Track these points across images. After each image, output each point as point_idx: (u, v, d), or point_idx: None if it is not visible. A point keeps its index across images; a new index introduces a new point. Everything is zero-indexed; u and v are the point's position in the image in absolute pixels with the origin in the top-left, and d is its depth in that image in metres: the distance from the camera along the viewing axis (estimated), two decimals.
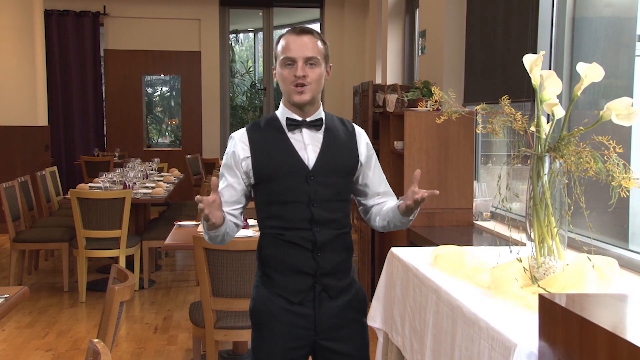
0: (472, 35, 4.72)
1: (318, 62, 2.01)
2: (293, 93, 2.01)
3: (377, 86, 5.47)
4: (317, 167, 2.04)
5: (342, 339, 2.12)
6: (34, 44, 8.18)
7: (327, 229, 2.06)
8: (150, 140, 11.34)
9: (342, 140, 2.11)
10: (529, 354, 1.60)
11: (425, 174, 4.21)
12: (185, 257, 6.93)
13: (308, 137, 2.07)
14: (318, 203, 2.03)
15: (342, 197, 2.10)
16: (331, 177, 2.06)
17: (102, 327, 2.18)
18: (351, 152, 2.12)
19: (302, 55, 1.98)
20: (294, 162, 2.04)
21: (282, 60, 2.00)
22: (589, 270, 1.96)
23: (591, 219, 2.00)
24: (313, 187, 2.03)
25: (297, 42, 1.98)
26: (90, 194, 5.32)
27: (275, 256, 2.08)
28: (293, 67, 1.99)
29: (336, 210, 2.08)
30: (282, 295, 2.08)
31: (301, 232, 2.04)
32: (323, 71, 2.04)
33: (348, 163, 2.11)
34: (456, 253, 2.46)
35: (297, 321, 2.08)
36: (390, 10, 7.13)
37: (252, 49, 13.17)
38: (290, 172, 2.03)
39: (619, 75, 3.13)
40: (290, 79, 1.99)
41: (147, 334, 4.58)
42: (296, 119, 2.06)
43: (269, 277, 2.11)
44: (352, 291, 2.15)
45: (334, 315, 2.10)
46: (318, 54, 2.01)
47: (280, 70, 2.02)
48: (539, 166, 2.00)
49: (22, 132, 8.22)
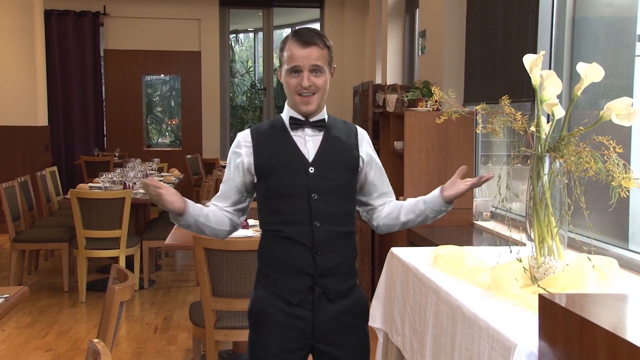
0: (472, 35, 4.72)
1: (323, 70, 2.05)
2: (300, 104, 2.06)
3: (377, 86, 5.47)
4: (317, 160, 2.07)
5: (341, 344, 2.11)
6: (34, 44, 8.18)
7: (328, 225, 2.05)
8: (150, 140, 11.34)
9: (343, 137, 2.14)
10: (529, 354, 1.60)
11: (425, 174, 4.21)
12: (185, 257, 6.93)
13: (310, 133, 2.11)
14: (318, 195, 2.04)
15: (342, 191, 2.10)
16: (331, 171, 2.08)
17: (102, 327, 2.18)
18: (352, 148, 2.14)
19: (307, 64, 2.02)
20: (294, 155, 2.07)
21: (288, 69, 2.04)
22: (589, 270, 1.95)
23: (591, 219, 2.00)
24: (313, 180, 2.05)
25: (302, 53, 2.02)
26: (90, 194, 5.32)
27: (274, 255, 2.09)
28: (299, 76, 2.03)
29: (337, 205, 2.08)
30: (280, 296, 2.08)
31: (300, 227, 2.04)
32: (328, 76, 2.08)
33: (348, 158, 2.13)
34: (456, 253, 2.46)
35: (294, 323, 2.07)
36: (390, 10, 7.13)
37: (252, 49, 13.18)
38: (290, 165, 2.06)
39: (619, 75, 3.13)
40: (297, 88, 2.04)
41: (147, 334, 4.58)
42: (299, 119, 2.10)
43: (267, 277, 2.11)
44: (352, 296, 2.14)
45: (332, 319, 2.09)
46: (323, 62, 2.05)
47: (286, 78, 2.06)
48: (539, 166, 2.00)
49: (22, 132, 8.22)
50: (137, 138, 10.31)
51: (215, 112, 10.34)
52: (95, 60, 10.02)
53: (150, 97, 11.66)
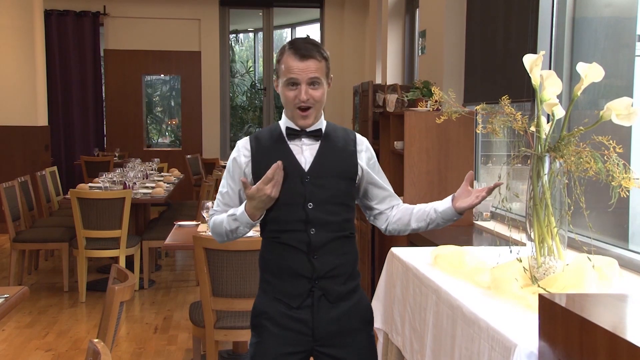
0: (472, 35, 4.72)
1: (321, 82, 2.04)
2: (297, 117, 2.06)
3: (377, 86, 5.47)
4: (313, 169, 2.07)
5: (343, 347, 2.10)
6: (34, 44, 8.18)
7: (324, 232, 2.06)
8: (150, 140, 11.34)
9: (340, 145, 2.13)
10: (529, 354, 1.60)
11: (425, 174, 4.21)
12: (185, 257, 6.94)
13: (306, 143, 2.11)
14: (314, 204, 2.04)
15: (340, 200, 2.09)
16: (327, 180, 2.07)
17: (102, 327, 2.18)
18: (349, 157, 2.13)
19: (305, 77, 2.01)
20: (290, 164, 2.06)
21: (285, 81, 2.04)
22: (589, 270, 1.95)
23: (591, 219, 2.00)
24: (309, 189, 2.05)
25: (300, 66, 2.01)
26: (90, 194, 5.32)
27: (273, 260, 2.10)
28: (296, 89, 2.03)
29: (334, 213, 2.07)
30: (281, 300, 2.09)
31: (297, 234, 2.05)
32: (325, 87, 2.08)
33: (345, 167, 2.12)
34: (456, 253, 2.46)
35: (294, 326, 2.07)
36: (390, 10, 7.13)
37: (252, 49, 13.17)
38: (286, 174, 2.04)
39: (619, 75, 3.13)
40: (294, 101, 2.04)
41: (147, 334, 4.58)
42: (295, 129, 2.10)
43: (268, 283, 2.12)
44: (354, 298, 2.13)
45: (333, 322, 2.09)
46: (321, 74, 2.04)
47: (284, 90, 2.05)
48: (539, 166, 2.00)
49: (22, 132, 8.22)
50: (137, 138, 10.31)
51: (215, 112, 10.34)
52: (95, 60, 10.02)
53: (150, 97, 11.66)
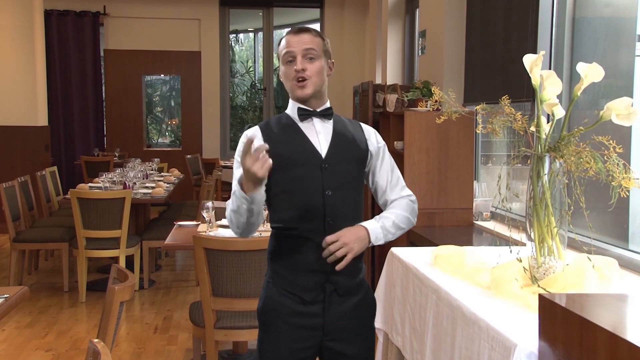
0: (472, 35, 4.72)
1: (317, 55, 2.05)
2: (295, 88, 2.06)
3: (377, 86, 5.47)
4: (330, 155, 2.07)
5: (352, 341, 2.12)
6: (34, 44, 8.17)
7: (340, 221, 2.03)
8: (150, 140, 11.33)
9: (350, 130, 2.16)
10: (529, 354, 1.60)
11: (425, 174, 4.21)
12: (185, 257, 6.94)
13: (319, 125, 2.11)
14: (331, 191, 2.04)
15: (353, 185, 2.10)
16: (343, 165, 2.08)
17: (102, 327, 2.18)
18: (360, 141, 2.15)
19: (300, 49, 2.03)
20: (308, 150, 2.06)
21: (283, 56, 2.06)
22: (589, 270, 1.96)
23: (591, 219, 2.00)
24: (327, 175, 2.05)
25: (295, 39, 2.05)
26: (90, 194, 5.32)
27: (287, 254, 2.08)
28: (293, 63, 2.04)
29: (349, 198, 2.08)
30: (292, 294, 2.07)
31: (313, 223, 2.03)
32: (324, 65, 2.07)
33: (358, 151, 2.13)
34: (456, 253, 2.46)
35: (304, 322, 2.07)
36: (390, 10, 7.13)
37: (252, 49, 13.16)
38: (305, 161, 2.05)
39: (619, 75, 3.13)
40: (292, 74, 2.05)
41: (147, 334, 4.58)
42: (307, 109, 2.10)
43: (279, 275, 2.10)
44: (361, 292, 2.15)
45: (343, 317, 2.10)
46: (316, 46, 2.05)
47: (283, 68, 2.07)
48: (539, 166, 2.00)
49: (22, 132, 8.22)
50: (137, 138, 10.31)
51: (215, 112, 10.34)
52: (95, 60, 10.01)
53: (150, 97, 11.65)
